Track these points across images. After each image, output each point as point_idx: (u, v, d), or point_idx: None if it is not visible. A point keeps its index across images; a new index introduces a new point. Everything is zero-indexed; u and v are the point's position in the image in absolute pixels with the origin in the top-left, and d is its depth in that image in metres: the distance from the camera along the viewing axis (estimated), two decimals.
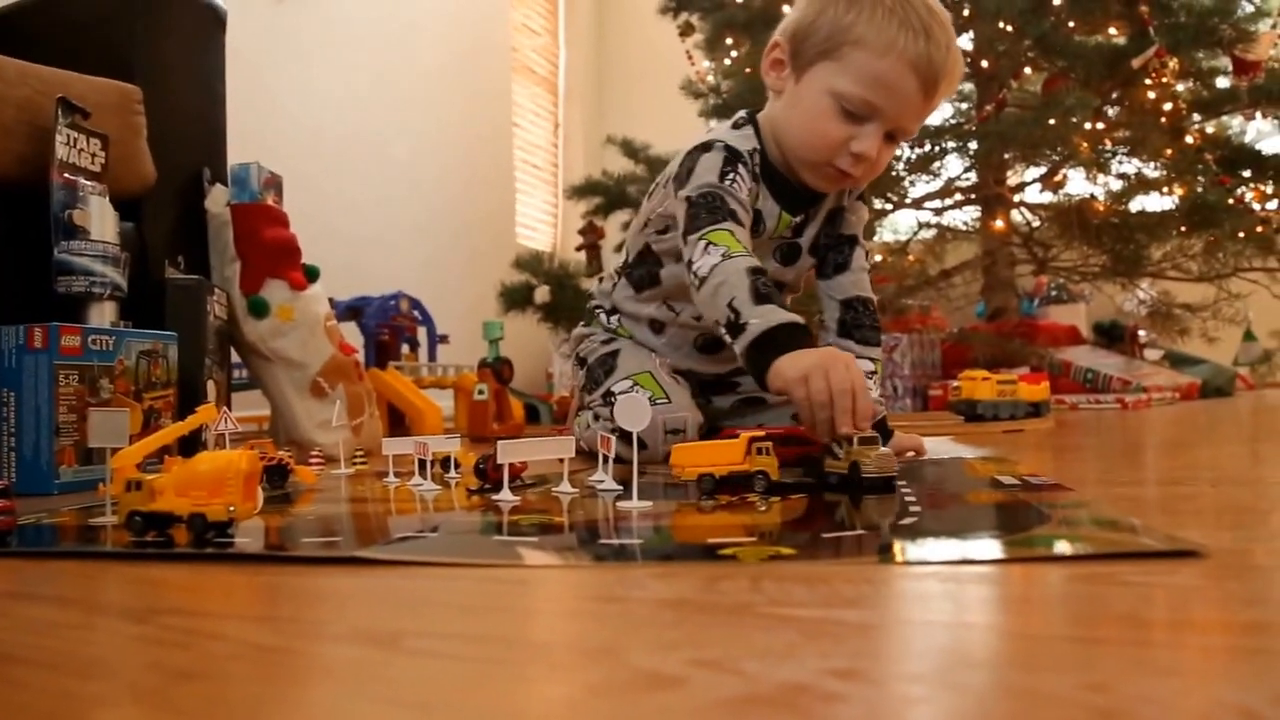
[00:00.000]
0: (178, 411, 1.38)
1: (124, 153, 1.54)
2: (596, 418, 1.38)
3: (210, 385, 1.54)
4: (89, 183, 1.42)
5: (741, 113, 1.33)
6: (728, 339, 1.10)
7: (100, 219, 1.40)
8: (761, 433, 0.91)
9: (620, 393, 1.34)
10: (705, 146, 1.26)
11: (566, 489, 0.91)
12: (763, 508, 0.81)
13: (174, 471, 0.75)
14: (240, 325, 1.64)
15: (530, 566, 0.56)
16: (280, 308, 1.65)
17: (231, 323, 1.65)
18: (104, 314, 1.40)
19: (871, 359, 1.31)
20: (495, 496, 0.87)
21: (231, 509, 0.72)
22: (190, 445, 1.35)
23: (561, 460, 0.92)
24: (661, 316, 1.42)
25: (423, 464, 1.20)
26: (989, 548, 0.55)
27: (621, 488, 0.92)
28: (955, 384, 2.02)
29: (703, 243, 1.15)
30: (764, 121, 1.30)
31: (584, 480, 1.01)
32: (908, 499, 0.78)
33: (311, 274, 1.73)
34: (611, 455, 0.94)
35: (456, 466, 1.14)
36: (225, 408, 1.18)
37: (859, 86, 1.16)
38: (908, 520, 0.67)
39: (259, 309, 1.64)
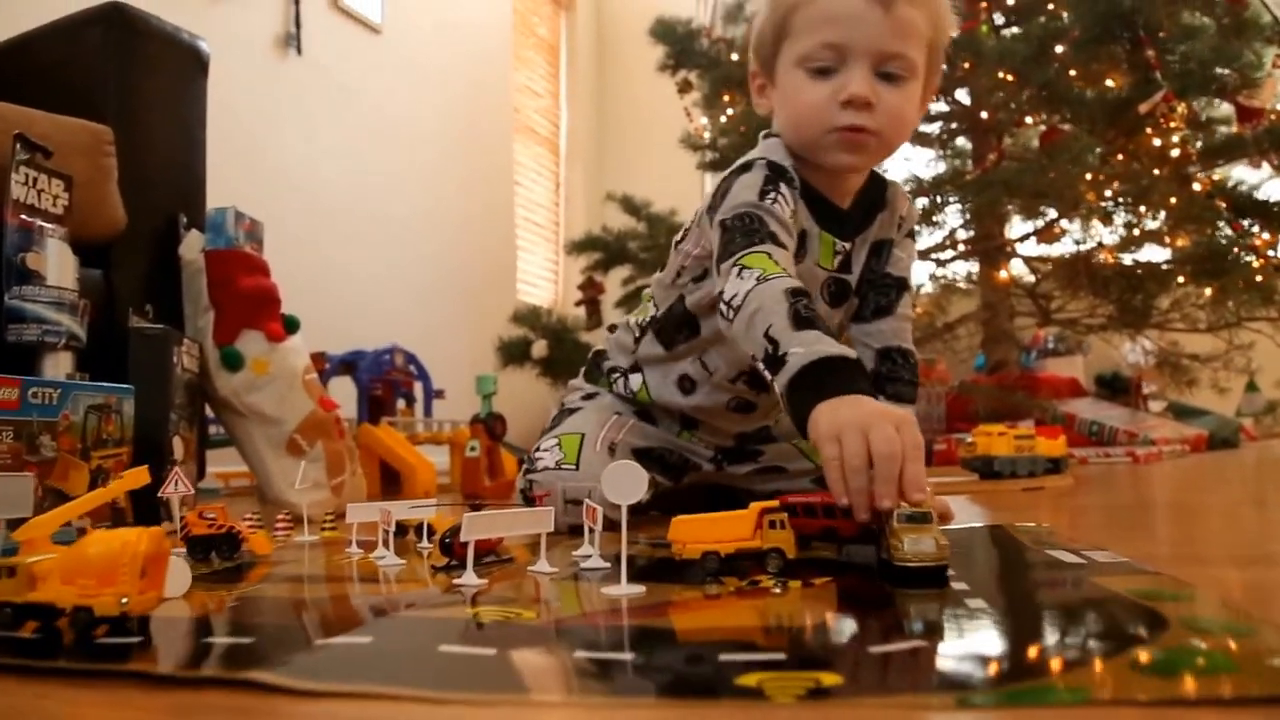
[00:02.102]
0: None
1: (92, 195, 1.40)
2: (527, 471, 1.22)
3: (177, 442, 1.38)
4: (49, 225, 1.27)
5: (768, 131, 1.17)
6: (767, 376, 0.89)
7: (58, 263, 1.25)
8: (775, 503, 0.75)
9: (545, 449, 1.21)
10: (745, 166, 1.10)
11: (545, 568, 0.75)
12: (777, 590, 0.64)
13: (60, 555, 0.59)
14: (213, 378, 1.49)
15: (473, 703, 0.39)
16: (255, 360, 1.49)
17: (204, 375, 1.49)
18: (59, 365, 1.25)
19: None
20: (458, 581, 0.71)
21: (124, 601, 0.55)
22: (147, 509, 1.19)
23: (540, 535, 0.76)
24: (695, 374, 1.23)
25: (396, 528, 1.07)
26: (1108, 678, 0.39)
27: (609, 565, 0.75)
28: (969, 439, 1.86)
29: (736, 268, 0.97)
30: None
31: (570, 553, 0.85)
32: (960, 589, 0.61)
33: (291, 325, 1.57)
34: (598, 527, 0.78)
35: (430, 534, 0.98)
36: (176, 467, 1.02)
37: (812, 37, 1.04)
38: (973, 624, 0.50)
39: (233, 361, 1.48)
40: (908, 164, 3.42)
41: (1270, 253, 2.76)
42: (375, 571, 0.83)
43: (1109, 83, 2.76)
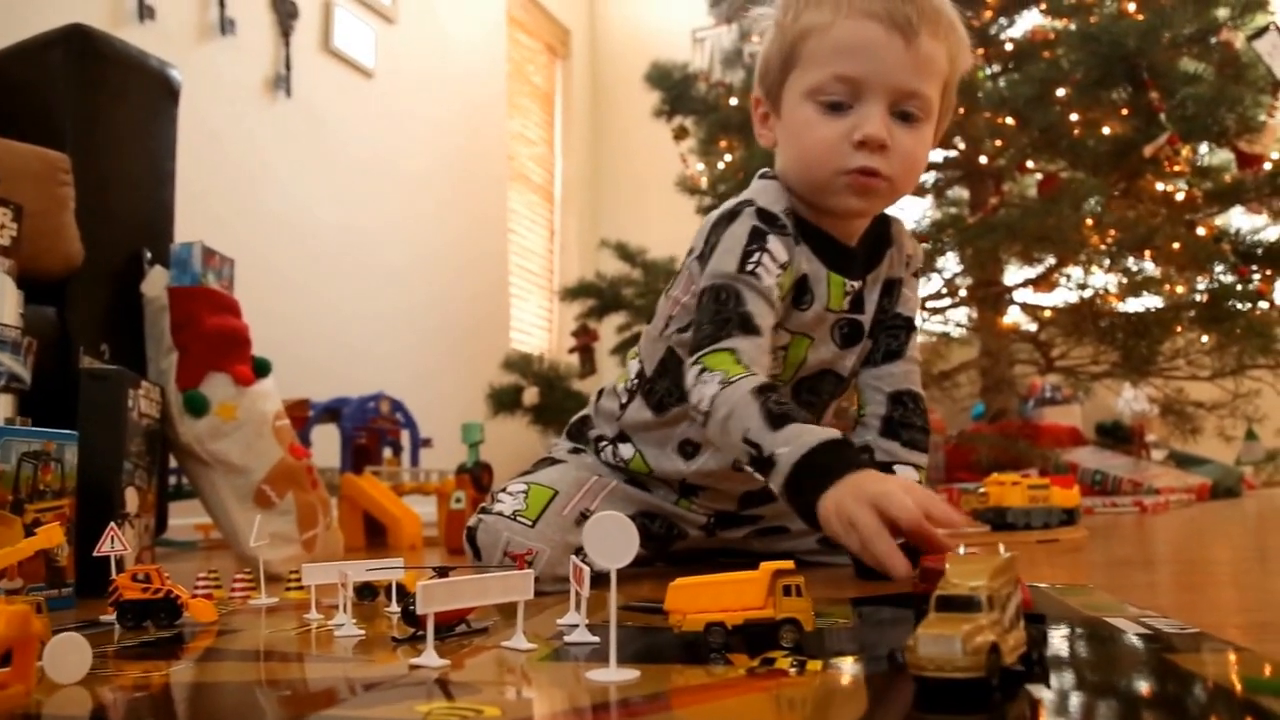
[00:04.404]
0: (77, 525, 1.09)
1: (45, 226, 1.29)
2: (482, 510, 1.08)
3: (130, 493, 1.25)
4: None
5: (764, 169, 1.07)
6: (760, 478, 0.86)
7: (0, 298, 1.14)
8: (790, 565, 0.63)
9: (511, 491, 1.07)
10: (732, 214, 1.00)
11: (521, 643, 0.62)
12: (794, 670, 0.53)
13: None
14: (175, 424, 1.36)
15: None
16: (221, 405, 1.37)
17: (166, 421, 1.37)
18: None
19: (916, 465, 1.03)
20: (417, 661, 0.58)
21: None
22: (97, 571, 1.06)
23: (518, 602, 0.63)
24: (697, 436, 1.07)
25: (367, 589, 0.95)
26: None
27: (597, 639, 0.63)
28: (980, 490, 1.74)
29: (697, 369, 0.92)
30: (781, 180, 1.04)
31: (554, 620, 0.73)
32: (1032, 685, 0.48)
33: (261, 368, 1.45)
34: (585, 591, 0.66)
35: (402, 597, 0.85)
36: (112, 523, 0.90)
37: (826, 68, 0.95)
38: None
39: (197, 406, 1.36)
40: (901, 213, 3.34)
41: (1275, 299, 2.67)
42: (328, 645, 0.71)
43: (1106, 130, 2.68)
